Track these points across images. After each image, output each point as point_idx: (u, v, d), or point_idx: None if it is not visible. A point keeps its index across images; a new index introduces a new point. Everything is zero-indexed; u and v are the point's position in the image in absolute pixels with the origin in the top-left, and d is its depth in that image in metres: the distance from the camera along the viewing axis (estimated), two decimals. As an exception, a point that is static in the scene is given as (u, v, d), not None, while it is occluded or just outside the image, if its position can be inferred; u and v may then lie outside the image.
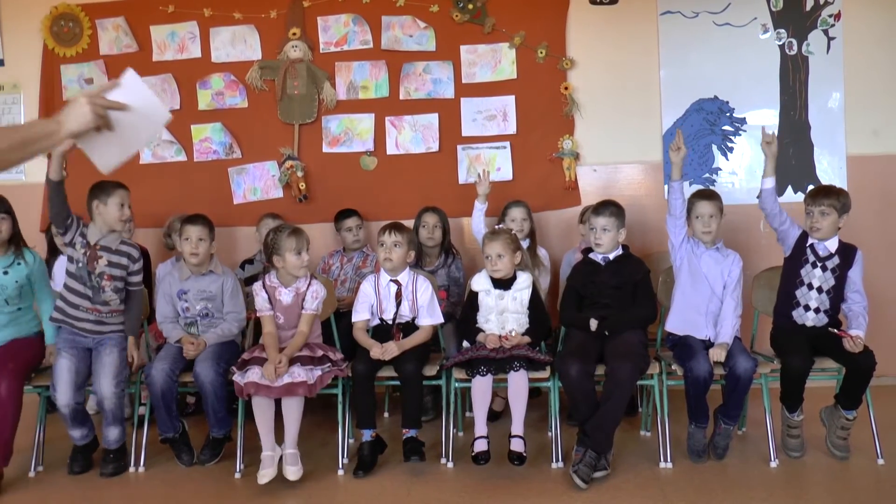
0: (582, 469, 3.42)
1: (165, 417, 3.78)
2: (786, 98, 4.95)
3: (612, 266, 3.86)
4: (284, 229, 3.83)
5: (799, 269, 3.79)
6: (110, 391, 3.70)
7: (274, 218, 4.80)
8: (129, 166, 5.41)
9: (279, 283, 3.83)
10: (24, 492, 3.67)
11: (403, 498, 3.44)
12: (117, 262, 3.86)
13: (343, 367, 3.82)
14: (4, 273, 3.85)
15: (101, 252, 3.82)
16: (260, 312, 3.83)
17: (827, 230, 3.75)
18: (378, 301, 3.95)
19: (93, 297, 3.83)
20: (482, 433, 3.61)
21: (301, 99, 5.18)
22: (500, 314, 3.82)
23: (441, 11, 5.09)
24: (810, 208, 3.77)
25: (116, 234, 3.88)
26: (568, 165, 5.03)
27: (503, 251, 3.79)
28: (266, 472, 3.53)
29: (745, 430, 4.06)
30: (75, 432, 3.79)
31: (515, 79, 5.09)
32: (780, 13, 4.94)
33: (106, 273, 3.83)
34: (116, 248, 3.87)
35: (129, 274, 3.92)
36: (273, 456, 3.57)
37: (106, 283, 3.84)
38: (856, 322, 3.71)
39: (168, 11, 5.23)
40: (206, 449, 3.90)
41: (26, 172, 5.41)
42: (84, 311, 3.83)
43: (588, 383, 3.59)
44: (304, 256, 3.78)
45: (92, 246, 3.81)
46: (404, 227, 3.98)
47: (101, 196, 3.82)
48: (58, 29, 5.32)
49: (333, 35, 5.19)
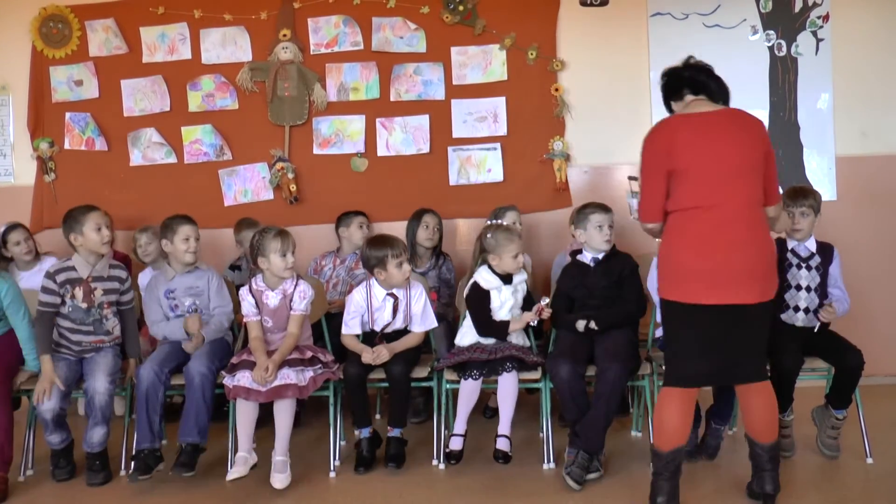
0: (575, 471, 3.43)
1: (145, 422, 3.66)
2: (775, 99, 4.97)
3: (602, 266, 3.87)
4: (270, 231, 3.76)
5: (785, 275, 3.79)
6: (104, 387, 3.65)
7: (250, 226, 4.63)
8: (118, 168, 5.42)
9: (265, 287, 3.79)
10: (14, 497, 3.64)
11: (395, 500, 3.44)
12: (111, 288, 3.87)
13: (334, 370, 3.81)
14: None
15: (95, 283, 3.82)
16: (247, 318, 3.78)
17: (807, 230, 3.77)
18: (370, 312, 3.91)
19: (95, 329, 3.83)
20: (460, 431, 3.65)
21: (292, 100, 5.17)
22: (511, 308, 3.84)
23: (432, 13, 5.09)
24: (790, 209, 3.77)
25: (104, 260, 3.87)
26: (559, 167, 5.03)
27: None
28: (237, 469, 3.50)
29: (735, 430, 4.07)
30: (54, 437, 3.72)
31: (506, 80, 5.10)
32: (769, 15, 4.96)
33: (104, 302, 3.84)
34: (108, 275, 3.87)
35: (122, 293, 3.93)
36: (247, 458, 3.55)
37: (107, 311, 3.85)
38: (837, 303, 3.75)
39: (158, 13, 5.21)
40: (181, 458, 3.61)
41: (15, 175, 5.40)
42: (87, 344, 3.83)
43: (579, 384, 3.59)
44: (290, 258, 3.73)
45: (84, 280, 3.80)
46: (401, 242, 3.92)
47: (75, 226, 3.76)
48: (47, 30, 5.29)
49: (324, 36, 5.18)
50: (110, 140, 5.31)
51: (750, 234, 2.98)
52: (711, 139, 2.99)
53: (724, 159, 2.97)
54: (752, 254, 2.96)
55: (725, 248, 2.93)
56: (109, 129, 5.30)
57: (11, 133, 5.41)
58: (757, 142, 3.02)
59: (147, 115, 5.26)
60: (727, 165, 2.97)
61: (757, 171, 3.01)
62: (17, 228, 4.62)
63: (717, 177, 2.96)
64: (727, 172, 2.97)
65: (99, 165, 5.30)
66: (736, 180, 2.97)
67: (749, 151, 2.99)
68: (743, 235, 2.96)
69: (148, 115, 5.26)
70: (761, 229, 3.03)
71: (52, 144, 5.33)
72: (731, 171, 2.97)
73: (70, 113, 5.32)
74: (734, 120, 3.06)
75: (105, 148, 5.31)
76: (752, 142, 3.01)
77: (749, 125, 3.06)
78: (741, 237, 2.96)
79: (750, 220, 2.99)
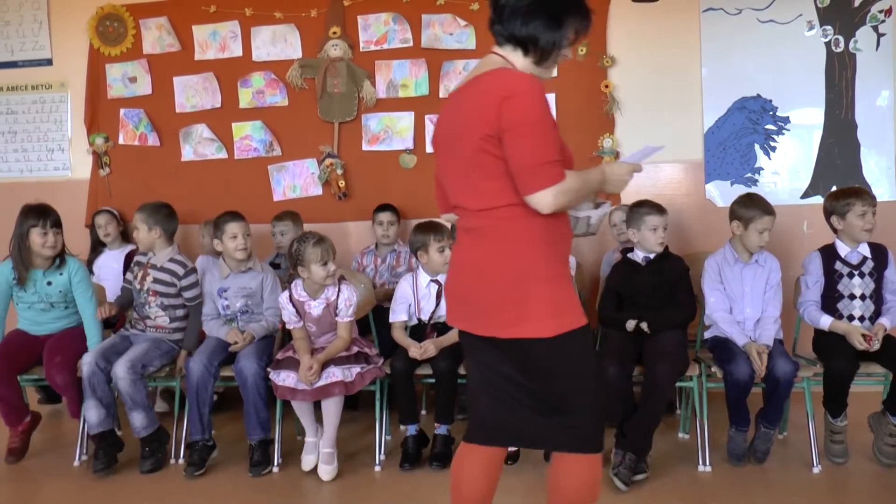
0: (622, 472, 3.40)
1: (196, 415, 3.74)
2: (831, 96, 4.85)
3: (653, 266, 3.82)
4: (309, 239, 3.66)
5: (836, 286, 3.70)
6: (123, 372, 3.69)
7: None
8: (170, 163, 5.53)
9: (307, 297, 3.75)
10: (69, 480, 3.75)
11: (439, 495, 3.44)
12: (161, 279, 3.96)
13: (380, 365, 3.83)
14: (48, 284, 3.98)
15: (150, 270, 3.96)
16: (290, 325, 3.80)
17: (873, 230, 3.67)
18: (416, 301, 3.95)
19: (139, 312, 4.01)
20: None
21: (341, 97, 5.21)
22: None
23: (481, 9, 5.07)
24: (863, 208, 3.66)
25: (166, 252, 3.97)
26: (608, 164, 4.98)
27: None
28: (309, 458, 3.64)
29: (786, 435, 4.00)
30: (91, 412, 3.73)
31: (555, 77, 5.04)
32: (826, 9, 4.84)
33: (151, 289, 3.95)
34: (162, 266, 3.96)
35: (181, 290, 3.99)
36: (316, 442, 3.65)
37: (151, 299, 3.96)
38: (888, 315, 3.65)
39: (210, 11, 5.28)
40: (255, 457, 3.73)
41: (72, 169, 5.53)
42: (137, 323, 4.04)
43: (626, 384, 3.56)
44: (331, 266, 3.65)
45: (143, 265, 3.98)
46: (445, 228, 3.95)
47: (157, 219, 3.99)
48: (103, 29, 5.41)
49: (373, 34, 5.20)
50: (162, 135, 5.40)
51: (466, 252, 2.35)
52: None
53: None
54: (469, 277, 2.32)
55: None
56: (162, 125, 5.40)
57: (69, 129, 5.54)
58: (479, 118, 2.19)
59: (198, 111, 5.34)
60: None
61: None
62: (101, 213, 5.02)
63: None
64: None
65: (151, 160, 5.40)
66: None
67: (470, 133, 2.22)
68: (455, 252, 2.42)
69: (199, 111, 5.34)
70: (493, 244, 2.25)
71: (106, 140, 5.44)
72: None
73: (124, 109, 5.43)
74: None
75: (157, 143, 5.41)
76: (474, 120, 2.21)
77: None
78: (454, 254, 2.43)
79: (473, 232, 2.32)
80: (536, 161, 2.11)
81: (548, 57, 2.27)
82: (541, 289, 2.20)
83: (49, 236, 3.91)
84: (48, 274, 3.97)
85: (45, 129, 5.58)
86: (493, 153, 2.16)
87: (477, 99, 2.19)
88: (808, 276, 3.79)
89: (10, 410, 3.91)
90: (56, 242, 3.94)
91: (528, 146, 2.11)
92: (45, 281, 3.97)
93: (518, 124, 2.11)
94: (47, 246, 3.91)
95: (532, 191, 2.12)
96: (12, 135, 5.61)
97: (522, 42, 2.25)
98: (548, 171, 2.12)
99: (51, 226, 3.92)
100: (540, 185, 2.11)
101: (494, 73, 2.19)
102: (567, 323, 2.21)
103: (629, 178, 2.38)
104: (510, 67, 2.24)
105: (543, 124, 2.13)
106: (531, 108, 2.12)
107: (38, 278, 3.97)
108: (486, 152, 2.16)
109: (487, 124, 2.13)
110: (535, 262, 2.20)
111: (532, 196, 2.13)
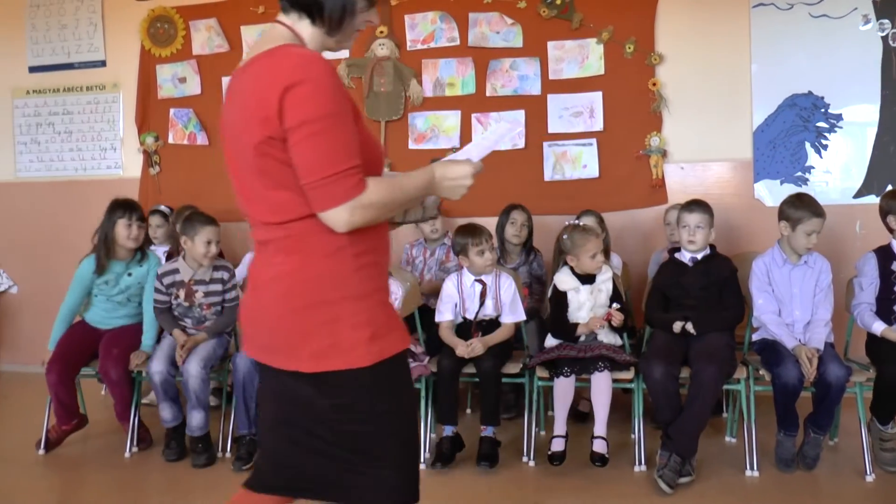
0: (667, 474, 3.37)
1: (243, 409, 3.81)
2: (888, 92, 4.73)
3: (700, 266, 3.78)
4: None
5: (892, 288, 3.62)
6: (196, 370, 3.80)
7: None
8: (218, 162, 5.62)
9: None
10: (120, 470, 3.85)
11: (483, 494, 3.45)
12: (212, 290, 4.04)
13: (426, 363, 3.85)
14: (129, 275, 4.13)
15: (196, 286, 4.01)
16: None
17: None
18: (461, 300, 3.96)
19: (193, 324, 4.06)
20: (560, 432, 3.60)
21: (388, 96, 5.24)
22: (591, 309, 3.80)
23: (528, 7, 5.06)
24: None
25: (206, 267, 4.02)
26: (655, 163, 4.93)
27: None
28: None
29: (836, 441, 3.91)
30: (165, 412, 3.88)
31: (603, 74, 5.02)
32: (883, 3, 4.71)
33: (204, 304, 4.03)
34: (211, 278, 4.03)
35: (225, 291, 4.08)
36: None
37: (206, 312, 4.05)
38: None
39: (258, 12, 5.35)
40: (240, 451, 3.82)
41: (123, 167, 5.65)
42: (193, 331, 4.05)
43: (672, 385, 3.52)
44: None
45: (187, 283, 4.00)
46: (484, 231, 3.96)
47: (189, 231, 3.96)
48: (154, 30, 5.52)
49: (420, 32, 5.22)
50: (211, 135, 5.49)
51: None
52: None
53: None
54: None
55: None
56: (211, 125, 5.49)
57: (121, 128, 5.67)
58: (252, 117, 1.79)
59: (247, 110, 5.41)
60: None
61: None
62: (154, 213, 5.00)
63: None
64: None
65: (200, 159, 5.49)
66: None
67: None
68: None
69: (248, 110, 5.41)
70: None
71: (157, 139, 5.55)
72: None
73: (174, 109, 5.53)
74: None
75: (206, 142, 5.50)
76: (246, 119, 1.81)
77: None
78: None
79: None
80: (326, 171, 1.72)
81: (339, 25, 1.88)
82: (353, 310, 1.82)
83: (133, 229, 4.09)
84: (130, 265, 4.13)
85: (98, 128, 5.72)
86: (279, 158, 1.76)
87: (254, 89, 1.77)
88: (863, 278, 3.71)
89: (62, 409, 4.03)
90: (139, 235, 4.13)
91: (316, 151, 1.72)
92: (126, 272, 4.12)
93: (302, 123, 1.71)
94: (131, 238, 4.08)
95: (323, 208, 1.74)
96: (68, 134, 5.76)
97: (307, 7, 1.86)
98: (341, 182, 1.73)
99: (136, 219, 4.10)
100: (332, 201, 1.73)
101: (274, 52, 1.78)
102: (387, 348, 1.86)
103: (469, 181, 2.08)
104: (295, 42, 1.85)
105: (335, 120, 1.73)
106: (319, 101, 1.72)
107: (119, 270, 4.12)
108: (270, 157, 1.76)
109: (268, 124, 1.73)
110: (344, 278, 1.82)
111: (324, 214, 1.75)
